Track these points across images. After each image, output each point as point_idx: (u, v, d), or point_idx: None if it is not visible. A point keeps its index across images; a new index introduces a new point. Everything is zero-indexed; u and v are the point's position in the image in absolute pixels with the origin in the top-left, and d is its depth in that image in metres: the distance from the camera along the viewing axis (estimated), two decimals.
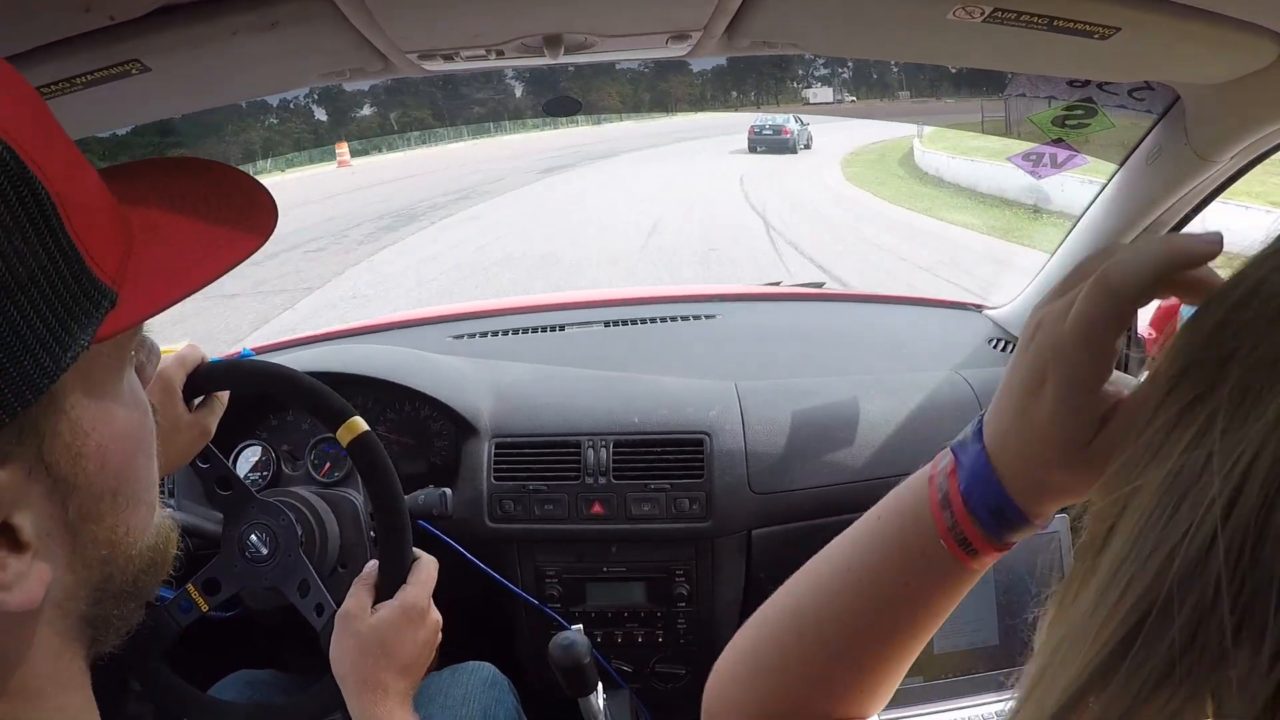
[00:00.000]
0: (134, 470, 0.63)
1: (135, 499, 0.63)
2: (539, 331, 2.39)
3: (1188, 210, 1.76)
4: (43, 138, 0.54)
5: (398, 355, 2.09)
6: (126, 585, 0.64)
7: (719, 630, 1.99)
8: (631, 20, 1.27)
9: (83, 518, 0.58)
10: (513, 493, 1.90)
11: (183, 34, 1.09)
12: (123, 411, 0.62)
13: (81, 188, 0.56)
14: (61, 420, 0.55)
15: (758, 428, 1.93)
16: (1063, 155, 1.68)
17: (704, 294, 2.68)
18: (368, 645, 1.21)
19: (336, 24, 1.12)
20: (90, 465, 0.58)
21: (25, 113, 0.54)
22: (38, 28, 1.04)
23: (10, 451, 0.52)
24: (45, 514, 0.56)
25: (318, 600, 1.44)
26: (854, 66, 2.32)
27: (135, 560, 0.65)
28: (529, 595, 1.91)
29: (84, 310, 0.54)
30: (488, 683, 1.59)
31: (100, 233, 0.57)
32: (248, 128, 1.94)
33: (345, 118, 2.01)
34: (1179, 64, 1.34)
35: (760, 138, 27.88)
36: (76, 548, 0.59)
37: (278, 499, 1.55)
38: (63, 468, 0.56)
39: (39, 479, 0.55)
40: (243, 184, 0.71)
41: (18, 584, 0.53)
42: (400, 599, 1.26)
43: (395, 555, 1.32)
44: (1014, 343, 2.26)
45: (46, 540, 0.56)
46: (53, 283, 0.52)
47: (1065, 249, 2.05)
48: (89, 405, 0.57)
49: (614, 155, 29.88)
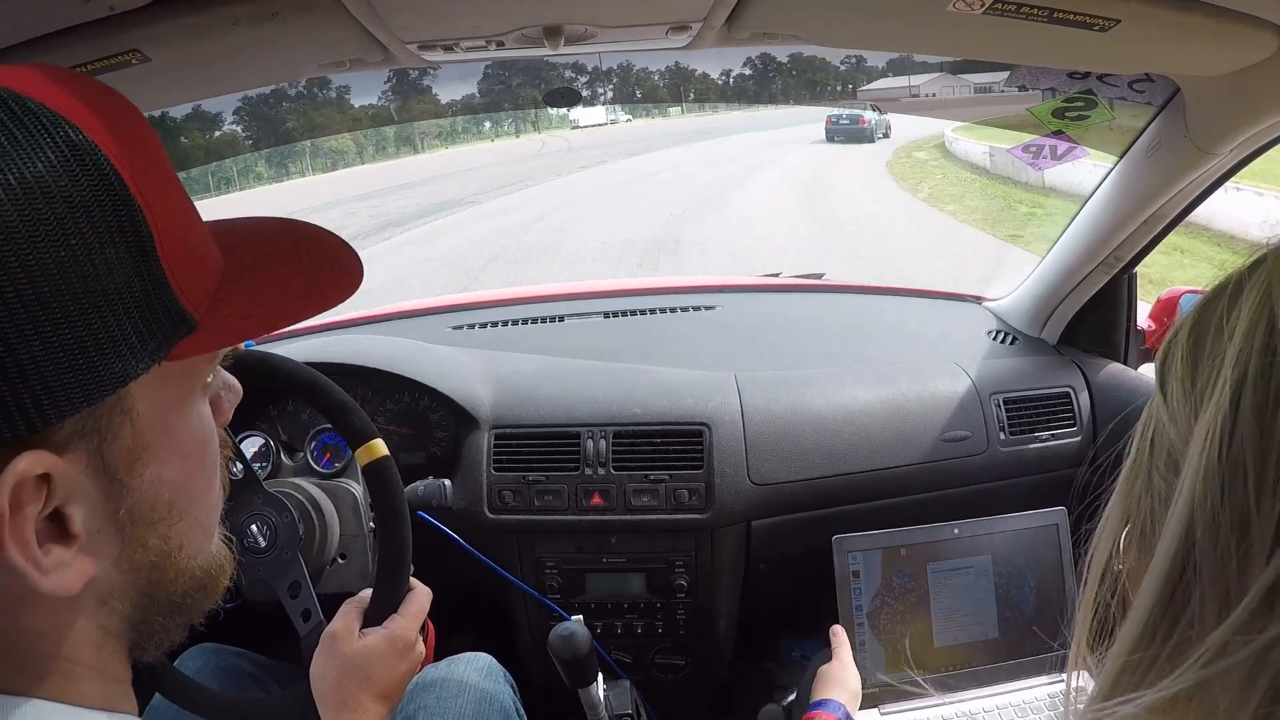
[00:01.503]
0: (192, 488, 0.68)
1: (191, 517, 0.68)
2: (538, 322, 2.39)
3: (1187, 203, 1.77)
4: (155, 178, 0.60)
5: (397, 345, 2.09)
6: (175, 598, 0.69)
7: (718, 621, 1.99)
8: (632, 11, 1.27)
9: (134, 520, 0.62)
10: (512, 484, 1.90)
11: (183, 24, 1.08)
12: (187, 431, 0.67)
13: (182, 227, 0.63)
14: (125, 424, 0.60)
15: (757, 419, 1.93)
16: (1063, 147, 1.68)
17: (704, 285, 2.68)
18: (351, 669, 1.21)
19: (336, 14, 1.12)
20: (148, 472, 0.62)
21: (145, 153, 0.60)
22: (38, 18, 1.04)
23: (72, 443, 0.56)
24: (98, 510, 0.60)
25: (306, 605, 1.43)
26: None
27: (185, 575, 0.69)
28: (529, 586, 1.92)
29: (163, 329, 0.60)
30: (484, 673, 1.58)
31: (191, 268, 0.63)
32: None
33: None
34: (1179, 56, 1.34)
35: (838, 127, 27.49)
36: (125, 548, 0.63)
37: (283, 491, 1.55)
38: (120, 469, 0.60)
39: (96, 475, 0.59)
40: (333, 245, 0.78)
41: (56, 570, 0.57)
42: (389, 628, 1.26)
43: (390, 583, 1.31)
44: (1014, 334, 2.27)
45: (96, 535, 0.60)
46: (137, 299, 0.58)
47: (1065, 240, 2.05)
48: (154, 417, 0.62)
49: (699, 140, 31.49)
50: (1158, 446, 0.56)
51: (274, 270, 0.71)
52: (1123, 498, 0.61)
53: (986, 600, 1.72)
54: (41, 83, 0.57)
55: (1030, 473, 2.01)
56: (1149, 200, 1.75)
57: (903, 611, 1.70)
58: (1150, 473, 0.57)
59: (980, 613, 1.72)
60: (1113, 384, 2.07)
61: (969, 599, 1.72)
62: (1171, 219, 1.82)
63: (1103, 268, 2.00)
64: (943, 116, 22.58)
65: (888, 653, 1.69)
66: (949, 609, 1.71)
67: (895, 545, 1.72)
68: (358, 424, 1.35)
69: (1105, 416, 2.04)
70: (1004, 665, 1.71)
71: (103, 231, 0.55)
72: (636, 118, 42.88)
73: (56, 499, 0.56)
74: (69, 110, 0.56)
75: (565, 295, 2.58)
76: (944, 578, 1.71)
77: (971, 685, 1.69)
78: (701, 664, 2.05)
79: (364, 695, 1.20)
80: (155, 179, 0.60)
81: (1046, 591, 1.73)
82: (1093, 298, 2.11)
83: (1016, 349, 2.24)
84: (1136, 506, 0.59)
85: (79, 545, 0.58)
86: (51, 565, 0.56)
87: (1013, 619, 1.72)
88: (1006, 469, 2.00)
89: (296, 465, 1.84)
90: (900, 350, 2.24)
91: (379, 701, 1.21)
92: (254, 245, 0.73)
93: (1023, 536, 1.74)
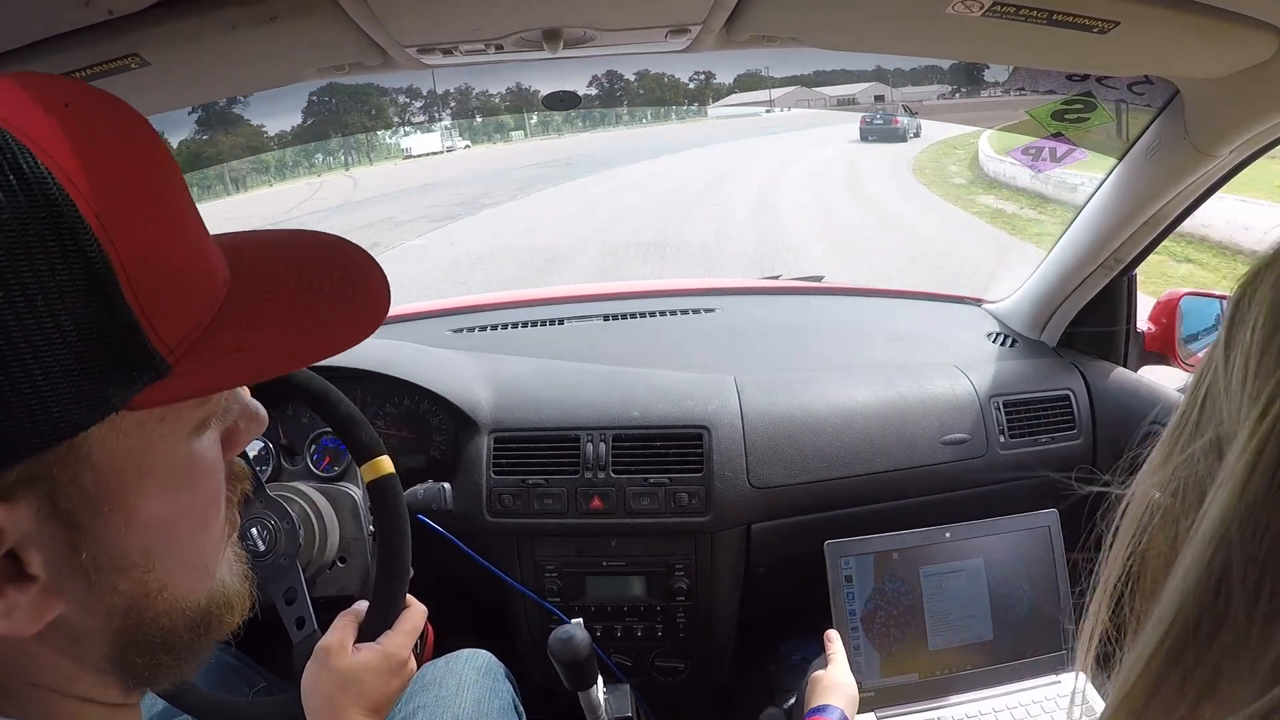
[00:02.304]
0: (177, 531, 0.64)
1: (176, 558, 0.64)
2: (538, 325, 2.39)
3: (1187, 204, 1.76)
4: (132, 199, 0.55)
5: (396, 349, 2.09)
6: (163, 637, 0.65)
7: (718, 624, 1.99)
8: (630, 14, 1.27)
9: (99, 567, 0.58)
10: (512, 487, 1.90)
11: (182, 28, 1.09)
12: (170, 473, 0.62)
13: (161, 254, 0.57)
14: (84, 471, 0.55)
15: (757, 422, 1.93)
16: (1062, 149, 1.68)
17: (703, 287, 2.68)
18: (343, 683, 1.21)
19: (335, 18, 1.12)
20: (114, 520, 0.58)
21: (126, 171, 0.56)
22: (37, 23, 1.04)
23: (17, 491, 0.53)
24: (58, 554, 0.56)
25: (300, 613, 1.43)
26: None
27: (172, 616, 0.65)
28: (529, 589, 1.92)
29: (122, 375, 0.55)
30: (482, 670, 1.58)
31: (169, 304, 0.57)
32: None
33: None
34: (1178, 58, 1.34)
35: (871, 127, 28.53)
36: (93, 591, 0.59)
37: (284, 495, 1.55)
38: (80, 515, 0.56)
39: (50, 521, 0.55)
40: (359, 264, 0.72)
41: (12, 613, 0.55)
42: (383, 644, 1.26)
43: (387, 599, 1.31)
44: (1014, 337, 2.27)
45: (58, 578, 0.57)
46: (90, 341, 0.52)
47: (1064, 243, 2.04)
48: (123, 462, 0.57)
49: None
50: (1207, 414, 0.51)
51: (286, 297, 0.66)
52: (1159, 465, 0.55)
53: (980, 603, 1.72)
54: (8, 96, 0.54)
55: (1030, 475, 2.00)
56: (1148, 202, 1.75)
57: (896, 615, 1.70)
58: (1193, 439, 0.52)
59: (974, 616, 1.72)
60: (1113, 387, 2.07)
61: (962, 602, 1.72)
62: (1171, 221, 1.82)
63: (1102, 270, 2.00)
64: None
65: (882, 657, 1.69)
66: (942, 612, 1.71)
67: (887, 550, 1.72)
68: (365, 439, 1.34)
69: (1105, 419, 2.04)
70: (999, 667, 1.71)
71: (43, 271, 0.50)
72: (478, 144, 40.59)
73: (7, 543, 0.53)
74: (31, 128, 0.52)
75: (565, 298, 2.58)
76: (937, 581, 1.72)
77: (966, 688, 1.70)
78: (701, 667, 2.05)
79: (354, 709, 1.19)
80: (132, 200, 0.55)
81: (1040, 594, 1.73)
82: (1092, 300, 2.11)
83: (1016, 351, 2.24)
84: (1171, 477, 0.53)
85: (40, 586, 0.55)
86: (7, 607, 0.54)
87: (1006, 621, 1.72)
88: (1007, 472, 1.99)
89: (296, 469, 1.84)
90: (900, 353, 2.24)
91: (368, 716, 1.20)
92: (265, 268, 0.67)
93: (1015, 539, 1.75)
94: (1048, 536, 1.74)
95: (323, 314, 0.66)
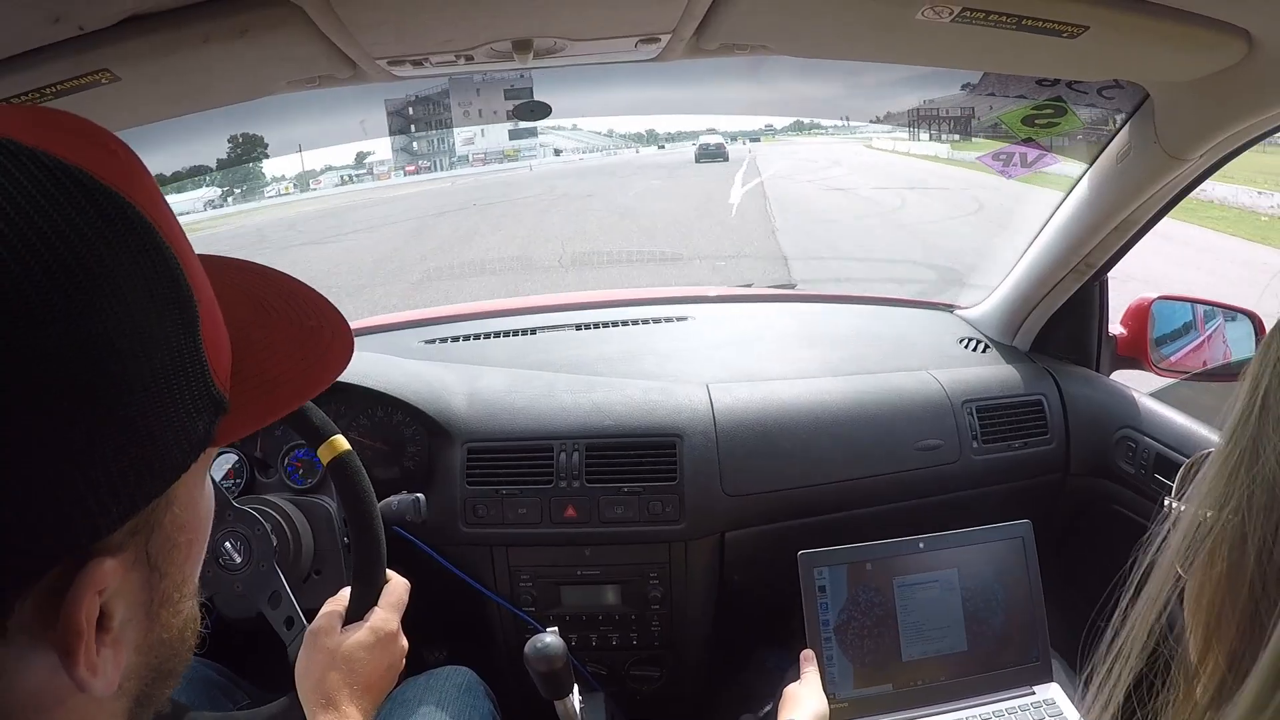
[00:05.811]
0: (199, 558, 0.64)
1: (192, 584, 0.64)
2: (510, 335, 2.38)
3: (1158, 208, 1.77)
4: (180, 234, 0.55)
5: (369, 360, 2.08)
6: (179, 665, 0.64)
7: (693, 632, 1.99)
8: (600, 24, 1.27)
9: (162, 604, 0.58)
10: (486, 497, 1.89)
11: (152, 42, 1.08)
12: (205, 504, 0.63)
13: (208, 299, 0.57)
14: (167, 514, 0.55)
15: (730, 430, 1.93)
16: (1032, 154, 1.69)
17: (676, 295, 2.68)
18: (334, 664, 1.20)
19: (306, 31, 1.11)
20: (179, 556, 0.58)
21: (169, 212, 0.55)
22: (6, 39, 1.03)
23: (125, 542, 0.52)
24: (133, 601, 0.55)
25: (288, 613, 1.43)
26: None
27: (190, 641, 0.64)
28: (503, 599, 1.91)
29: (208, 411, 0.54)
30: (462, 688, 1.58)
31: (214, 335, 0.57)
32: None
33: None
34: (1148, 62, 1.35)
35: (706, 152, 34.93)
36: (150, 631, 0.58)
37: (254, 507, 1.55)
38: (159, 558, 0.56)
39: (140, 568, 0.54)
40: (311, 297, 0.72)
41: (104, 668, 0.52)
42: (370, 621, 1.26)
43: (367, 576, 1.31)
44: (986, 342, 2.27)
45: (125, 626, 0.55)
46: (189, 381, 0.52)
47: (1036, 247, 2.05)
48: (187, 502, 0.58)
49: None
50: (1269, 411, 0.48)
51: (278, 330, 0.66)
52: (1216, 478, 0.50)
53: (954, 614, 1.72)
54: (87, 155, 0.50)
55: (1003, 481, 2.01)
56: (1119, 206, 1.76)
57: (870, 626, 1.69)
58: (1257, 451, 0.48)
59: (948, 626, 1.71)
60: (1085, 391, 2.08)
61: (936, 613, 1.71)
62: (1142, 225, 1.83)
63: (1074, 274, 2.01)
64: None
65: (856, 668, 1.68)
66: (916, 623, 1.71)
67: (860, 560, 1.71)
68: (316, 421, 1.33)
69: (1077, 424, 2.05)
70: (973, 678, 1.71)
71: (158, 308, 0.50)
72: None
73: (104, 599, 0.51)
74: (105, 173, 0.50)
75: (537, 308, 2.57)
76: (910, 592, 1.71)
77: (940, 699, 1.69)
78: (677, 675, 2.04)
79: (347, 692, 1.18)
80: (179, 232, 0.55)
81: (1014, 604, 1.73)
82: (1065, 305, 2.12)
83: (989, 357, 2.25)
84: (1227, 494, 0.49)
85: (112, 638, 0.52)
86: (101, 662, 0.51)
87: (981, 632, 1.72)
88: (979, 477, 2.00)
89: (270, 481, 1.84)
90: (872, 359, 2.24)
91: (361, 697, 1.19)
92: (248, 299, 0.66)
93: (989, 550, 1.74)
94: (1021, 547, 1.74)
95: (301, 336, 0.68)
